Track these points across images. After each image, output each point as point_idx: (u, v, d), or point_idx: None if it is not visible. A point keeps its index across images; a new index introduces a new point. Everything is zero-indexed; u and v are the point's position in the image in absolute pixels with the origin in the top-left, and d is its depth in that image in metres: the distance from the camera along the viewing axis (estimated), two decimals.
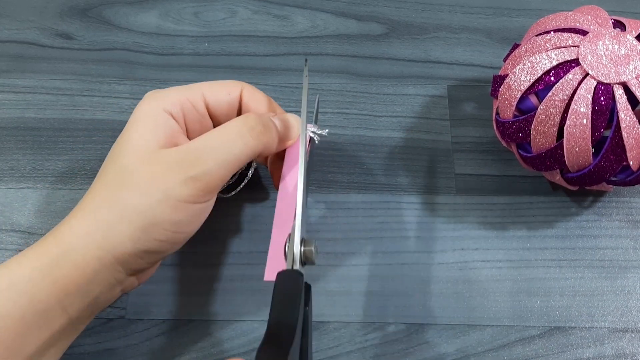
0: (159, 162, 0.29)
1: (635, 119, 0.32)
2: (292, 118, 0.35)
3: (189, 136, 0.33)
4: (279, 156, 0.35)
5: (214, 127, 0.34)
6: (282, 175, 0.34)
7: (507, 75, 0.36)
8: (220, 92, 0.33)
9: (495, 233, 0.39)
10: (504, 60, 0.38)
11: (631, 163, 0.33)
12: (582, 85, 0.33)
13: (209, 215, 0.37)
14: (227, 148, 0.30)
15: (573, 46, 0.34)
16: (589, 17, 0.36)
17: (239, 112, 0.35)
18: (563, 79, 0.33)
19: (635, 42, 0.34)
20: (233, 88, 0.34)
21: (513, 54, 0.37)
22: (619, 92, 0.33)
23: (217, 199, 0.33)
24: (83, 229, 0.29)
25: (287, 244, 0.30)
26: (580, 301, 0.37)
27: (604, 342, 0.36)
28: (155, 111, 0.31)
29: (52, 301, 0.27)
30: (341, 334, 0.36)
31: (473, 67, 0.46)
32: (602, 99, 0.32)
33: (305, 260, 0.30)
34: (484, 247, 0.39)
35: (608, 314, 0.37)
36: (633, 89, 0.32)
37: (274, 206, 0.40)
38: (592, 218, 0.40)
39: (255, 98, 0.34)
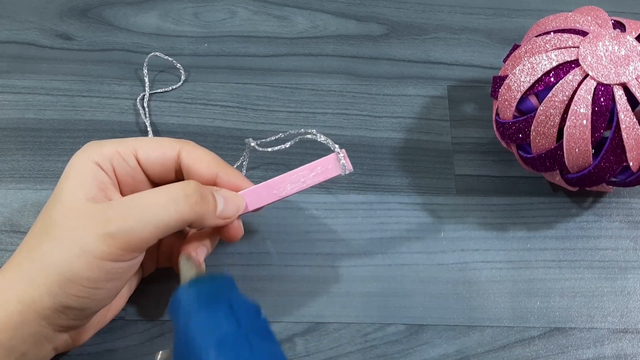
0: (81, 215, 0.29)
1: (635, 119, 0.32)
2: (237, 199, 0.33)
3: (123, 190, 0.32)
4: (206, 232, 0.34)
5: (151, 183, 0.33)
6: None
7: (507, 76, 0.36)
8: (154, 150, 0.32)
9: (495, 234, 0.39)
10: (504, 61, 0.38)
11: (631, 164, 0.33)
12: (582, 86, 0.33)
13: None
14: (155, 210, 0.29)
15: (573, 47, 0.34)
16: (589, 17, 0.36)
17: (179, 173, 0.33)
18: (563, 79, 0.33)
19: (635, 42, 0.34)
20: (168, 148, 0.32)
21: (513, 54, 0.37)
22: (619, 93, 0.33)
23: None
24: (5, 282, 0.28)
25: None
26: (580, 302, 0.37)
27: (604, 343, 0.36)
28: (85, 163, 0.30)
29: None
30: (341, 335, 0.36)
31: (473, 67, 0.46)
32: (602, 99, 0.32)
33: None
34: (484, 248, 0.39)
35: (608, 315, 0.37)
36: (633, 89, 0.32)
37: (273, 207, 0.40)
38: (592, 219, 0.40)
39: (196, 157, 0.33)
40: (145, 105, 0.43)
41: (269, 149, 0.37)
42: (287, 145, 0.36)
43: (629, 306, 0.37)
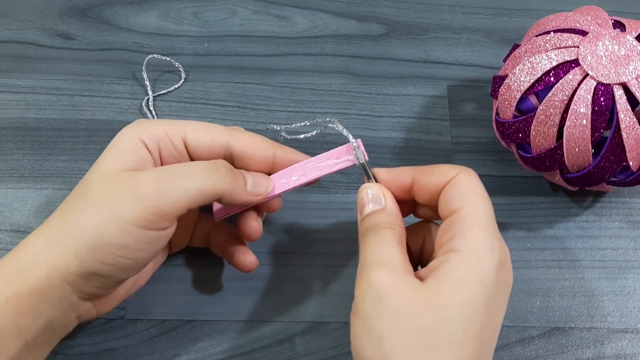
0: (115, 181, 0.29)
1: (635, 119, 0.32)
2: (266, 179, 0.33)
3: None
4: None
5: None
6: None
7: (507, 75, 0.36)
8: (203, 135, 0.32)
9: None
10: (504, 61, 0.38)
11: (631, 163, 0.33)
12: (582, 85, 0.33)
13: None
14: (188, 177, 0.29)
15: (573, 46, 0.34)
16: (589, 17, 0.36)
17: (229, 159, 0.33)
18: (563, 79, 0.33)
19: (635, 42, 0.34)
20: (218, 135, 0.33)
21: (513, 54, 0.37)
22: (618, 93, 0.33)
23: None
24: (36, 245, 0.29)
25: None
26: (579, 302, 0.37)
27: (604, 342, 0.36)
28: (130, 138, 0.31)
29: (6, 320, 0.27)
30: (341, 334, 0.36)
31: (473, 67, 0.46)
32: (602, 99, 0.32)
33: None
34: None
35: (608, 315, 0.37)
36: (633, 89, 0.32)
37: None
38: (592, 219, 0.40)
39: (250, 142, 0.33)
40: (151, 108, 0.43)
41: (301, 136, 0.37)
42: (314, 132, 0.36)
43: (628, 306, 0.37)
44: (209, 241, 0.37)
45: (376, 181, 0.31)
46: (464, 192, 0.28)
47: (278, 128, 0.37)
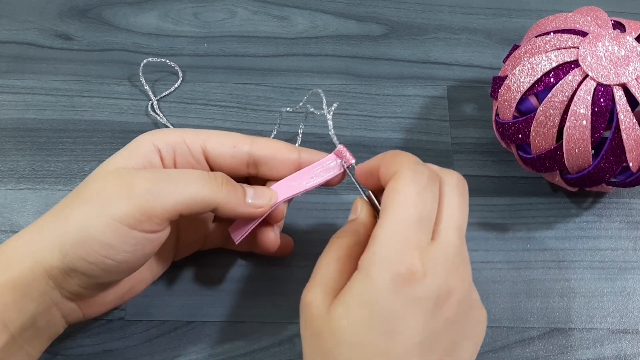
0: (113, 177, 0.29)
1: (634, 120, 0.32)
2: (269, 190, 0.32)
3: None
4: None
5: None
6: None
7: (507, 76, 0.36)
8: (224, 142, 0.32)
9: (495, 234, 0.39)
10: (504, 61, 0.38)
11: (631, 164, 0.33)
12: (581, 86, 0.33)
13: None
14: (183, 182, 0.29)
15: (573, 47, 0.34)
16: (589, 18, 0.36)
17: (252, 167, 0.33)
18: (563, 80, 0.33)
19: (635, 43, 0.34)
20: (240, 141, 0.32)
21: (513, 55, 0.37)
22: (618, 94, 0.33)
23: None
24: (26, 238, 0.29)
25: None
26: (579, 302, 0.37)
27: (604, 343, 0.36)
28: (143, 143, 0.31)
29: None
30: None
31: (473, 67, 0.46)
32: (601, 100, 0.32)
33: None
34: (483, 249, 0.39)
35: (607, 315, 0.37)
36: (633, 90, 0.32)
37: None
38: (592, 219, 0.40)
39: (273, 146, 0.33)
40: (157, 111, 0.43)
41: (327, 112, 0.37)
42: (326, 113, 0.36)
43: (628, 307, 0.37)
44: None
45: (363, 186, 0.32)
46: (384, 201, 0.27)
47: (289, 110, 0.39)
